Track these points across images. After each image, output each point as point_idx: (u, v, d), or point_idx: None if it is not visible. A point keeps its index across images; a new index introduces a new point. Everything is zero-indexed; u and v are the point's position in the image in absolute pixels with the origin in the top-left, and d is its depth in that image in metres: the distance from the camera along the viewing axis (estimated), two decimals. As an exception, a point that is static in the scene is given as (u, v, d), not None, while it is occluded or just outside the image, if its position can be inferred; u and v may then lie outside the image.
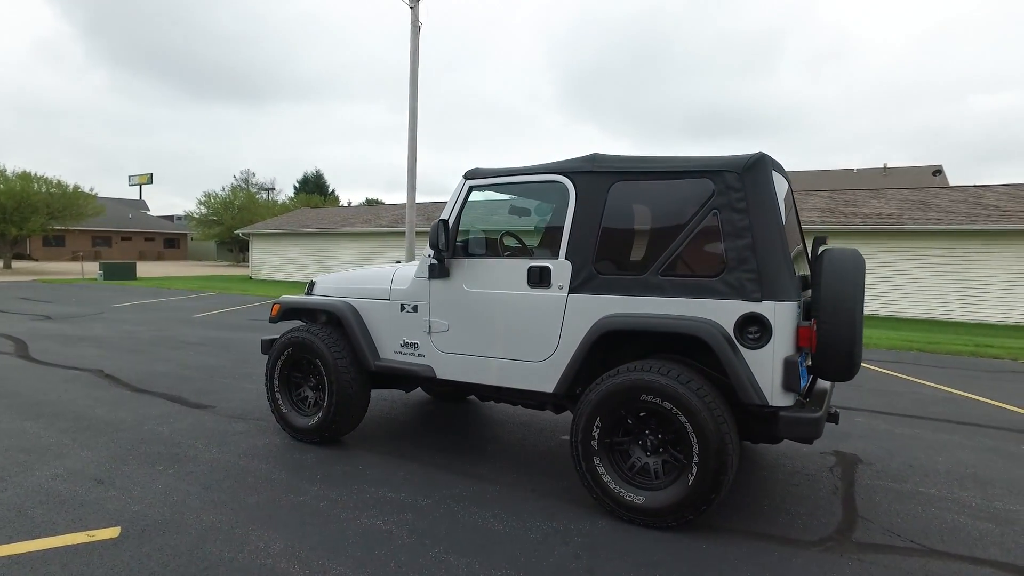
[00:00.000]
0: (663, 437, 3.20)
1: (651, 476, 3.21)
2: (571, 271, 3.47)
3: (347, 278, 4.51)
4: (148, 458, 3.96)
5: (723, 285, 3.09)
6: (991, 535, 3.16)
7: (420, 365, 4.02)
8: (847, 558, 2.87)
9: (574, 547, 2.92)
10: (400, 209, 27.73)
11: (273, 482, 3.61)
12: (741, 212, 3.08)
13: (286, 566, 2.67)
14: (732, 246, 3.09)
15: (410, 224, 15.33)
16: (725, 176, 3.13)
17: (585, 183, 3.49)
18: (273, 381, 4.51)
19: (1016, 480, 3.96)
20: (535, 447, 4.46)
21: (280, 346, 4.44)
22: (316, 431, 4.27)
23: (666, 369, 3.09)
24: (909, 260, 15.49)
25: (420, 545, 2.88)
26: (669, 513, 3.08)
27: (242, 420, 4.89)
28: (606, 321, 3.29)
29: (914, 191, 19.54)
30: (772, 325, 2.98)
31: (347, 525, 3.08)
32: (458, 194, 3.93)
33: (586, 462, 3.28)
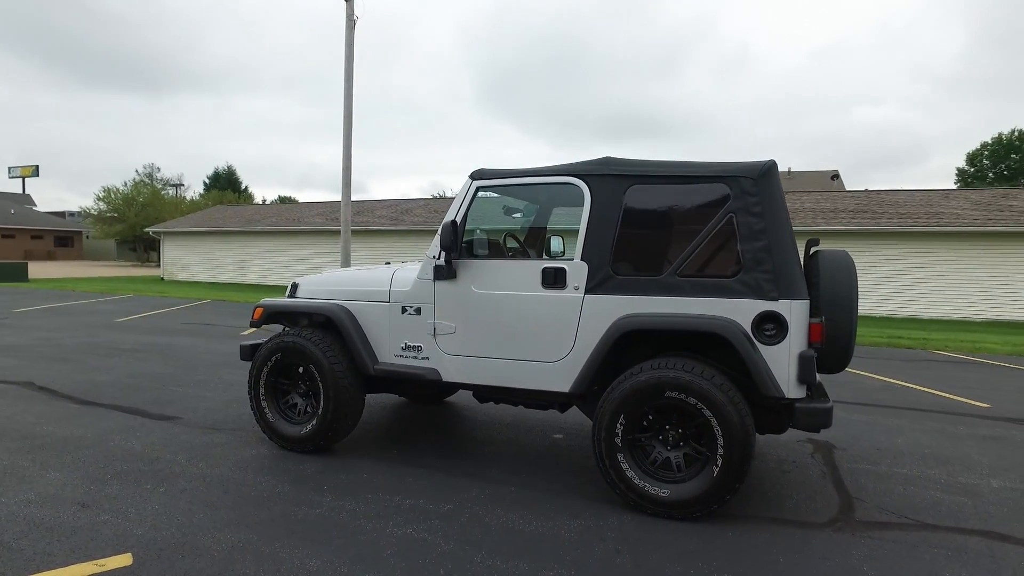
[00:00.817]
0: (684, 432, 3.32)
1: (673, 470, 3.32)
2: (587, 272, 3.52)
3: (338, 280, 4.35)
4: (129, 476, 3.65)
5: (740, 285, 3.25)
6: (967, 507, 3.50)
7: (424, 368, 3.94)
8: (859, 536, 3.10)
9: (611, 543, 2.97)
10: (326, 207, 26.89)
11: (279, 495, 3.44)
12: (757, 216, 3.24)
13: (331, 582, 2.56)
14: (748, 248, 3.24)
15: (345, 223, 14.90)
16: (741, 181, 3.29)
17: (601, 186, 3.55)
18: (258, 388, 4.27)
19: (966, 457, 4.40)
20: (532, 447, 4.49)
21: (267, 351, 4.22)
22: (310, 439, 4.09)
23: (690, 366, 3.21)
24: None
25: (462, 551, 2.84)
26: (695, 504, 3.20)
27: (218, 431, 4.60)
28: (629, 320, 3.37)
29: (823, 194, 21.13)
30: (788, 322, 3.16)
31: (377, 536, 2.98)
32: (464, 195, 3.89)
33: (609, 459, 3.35)
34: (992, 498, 3.65)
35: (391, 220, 23.43)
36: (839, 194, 21.35)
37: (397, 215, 24.00)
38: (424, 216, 23.73)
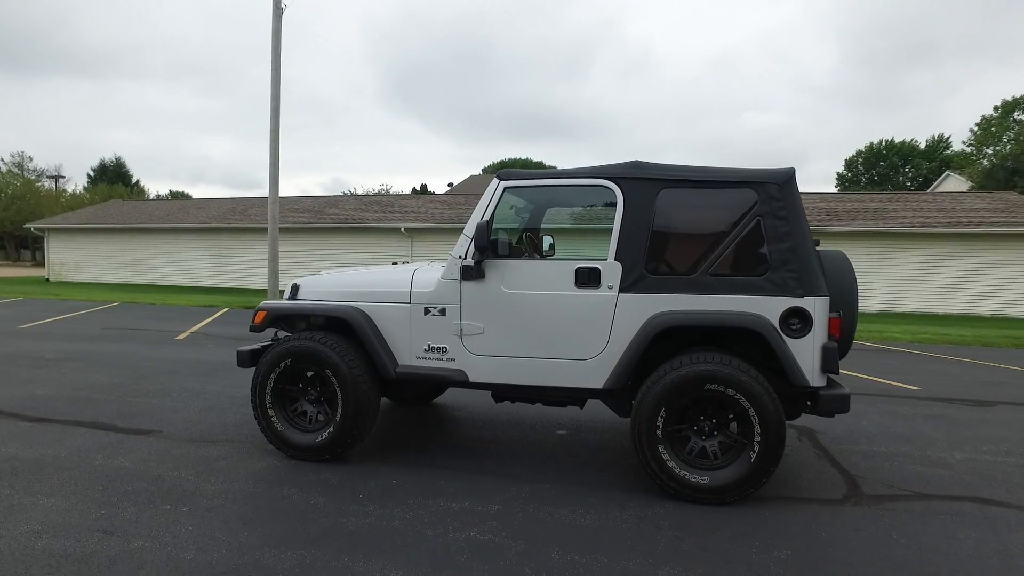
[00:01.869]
0: (718, 422, 3.52)
1: (709, 458, 3.51)
2: (622, 272, 3.63)
3: (350, 281, 4.20)
4: (140, 497, 3.35)
5: (768, 283, 3.48)
6: (946, 477, 3.96)
7: (451, 369, 3.90)
8: (875, 508, 3.43)
9: (669, 531, 3.11)
10: (237, 204, 25.43)
11: (318, 508, 3.29)
12: (783, 219, 3.49)
13: (421, 590, 2.51)
14: (775, 248, 3.49)
15: (273, 220, 14.23)
16: (768, 187, 3.52)
17: (633, 188, 3.67)
18: (265, 396, 4.05)
19: (924, 434, 4.95)
20: (541, 443, 4.56)
21: (275, 357, 4.01)
22: (327, 448, 3.94)
23: (727, 360, 3.41)
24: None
25: (535, 550, 2.87)
26: (733, 489, 3.40)
27: (210, 443, 4.31)
28: (667, 317, 3.52)
29: None
30: (812, 317, 3.43)
31: (444, 541, 2.94)
32: (492, 195, 3.89)
33: (651, 450, 3.48)
34: (961, 468, 4.14)
35: (311, 217, 22.57)
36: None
37: (316, 212, 23.14)
38: (345, 214, 23.05)
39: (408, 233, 21.76)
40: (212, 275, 22.45)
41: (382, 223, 21.82)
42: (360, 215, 22.92)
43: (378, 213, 23.15)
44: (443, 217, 22.22)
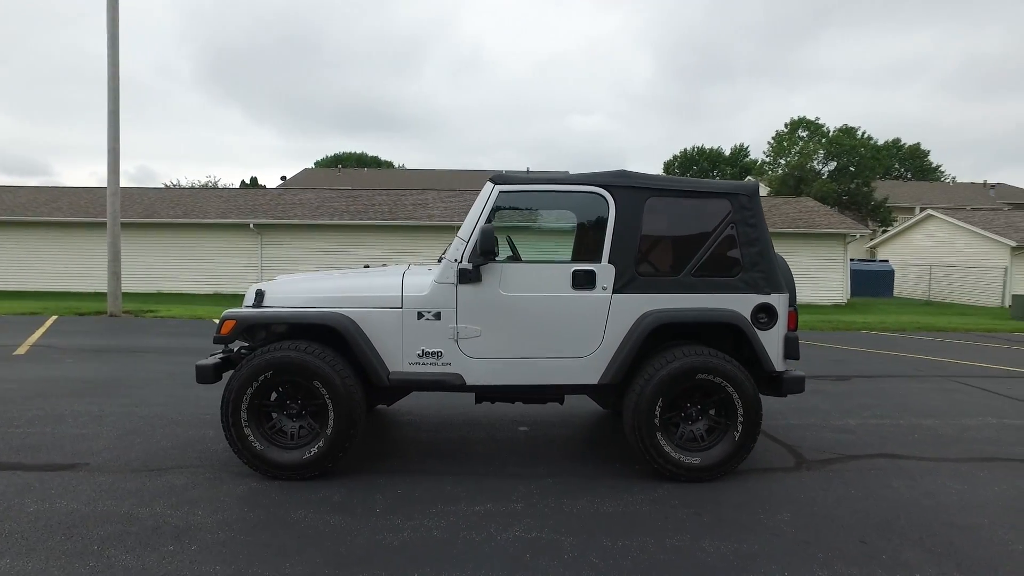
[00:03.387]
0: (703, 407, 3.92)
1: (698, 440, 3.90)
2: (615, 274, 3.88)
3: (331, 287, 3.96)
4: (124, 541, 2.90)
5: (741, 282, 3.95)
6: (856, 440, 4.76)
7: (447, 374, 3.87)
8: (824, 471, 4.06)
9: (683, 508, 3.42)
10: (39, 194, 21.74)
11: (343, 527, 3.11)
12: (752, 226, 3.98)
13: (508, 593, 2.54)
14: (747, 252, 3.96)
15: (114, 215, 12.51)
16: (740, 198, 3.99)
17: (624, 196, 3.93)
18: (240, 414, 3.69)
19: (819, 407, 5.86)
20: (512, 441, 4.67)
21: (252, 370, 3.67)
22: (315, 464, 3.70)
23: (714, 352, 3.82)
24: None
25: (586, 540, 3.00)
26: (721, 466, 3.82)
27: (163, 472, 3.81)
28: (660, 315, 3.83)
29: None
30: (777, 312, 3.97)
31: (496, 544, 2.96)
32: (486, 199, 3.91)
33: (650, 438, 3.77)
34: (861, 432, 5.01)
35: (141, 211, 20.03)
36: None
37: (146, 207, 20.58)
38: (182, 208, 20.80)
39: (258, 230, 20.23)
40: (23, 278, 19.03)
41: (228, 219, 20.03)
42: (200, 210, 20.81)
43: (221, 208, 21.19)
44: (295, 213, 20.98)
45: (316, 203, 22.26)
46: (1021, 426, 5.27)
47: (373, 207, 21.97)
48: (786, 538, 3.06)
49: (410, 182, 43.90)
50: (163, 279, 20.01)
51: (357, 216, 20.80)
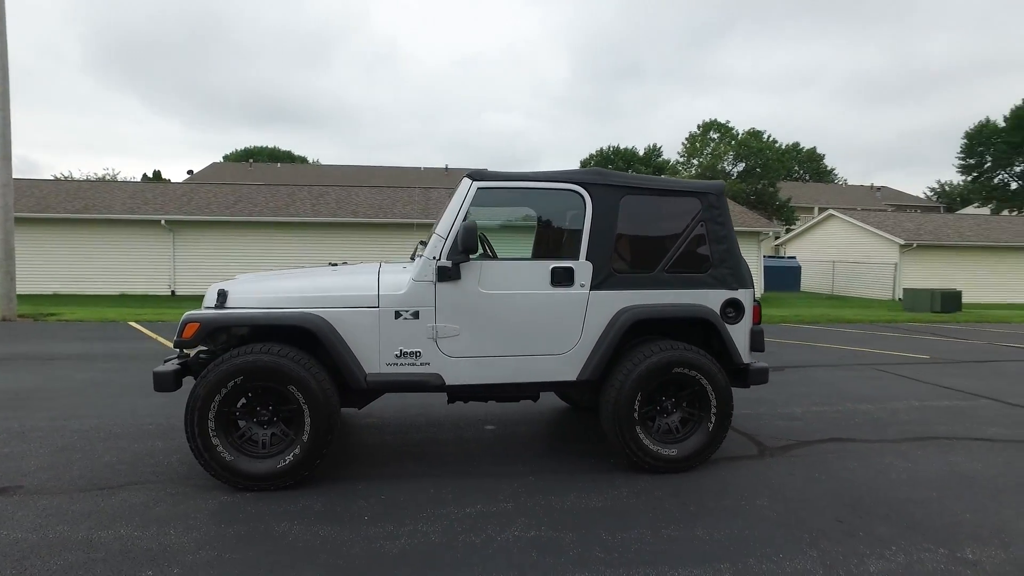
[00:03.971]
0: (677, 400, 4.03)
1: (673, 432, 4.01)
2: (592, 271, 3.92)
3: (302, 286, 3.76)
4: (93, 572, 2.63)
5: (711, 278, 4.10)
6: (805, 427, 5.06)
7: (426, 374, 3.78)
8: (785, 457, 4.29)
9: (668, 499, 3.50)
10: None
11: (333, 539, 2.96)
12: (720, 224, 4.14)
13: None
14: (716, 249, 4.12)
15: (5, 209, 11.33)
16: (708, 196, 4.13)
17: (600, 194, 3.97)
18: (207, 424, 3.44)
19: (764, 397, 6.17)
20: (482, 440, 4.63)
21: (221, 376, 3.43)
22: (292, 472, 3.51)
23: (688, 346, 3.94)
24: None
25: (586, 536, 3.01)
26: (696, 456, 3.95)
27: (114, 490, 3.49)
28: (637, 311, 3.90)
29: None
30: (744, 306, 4.14)
31: (498, 546, 2.91)
32: (464, 196, 3.85)
33: (629, 432, 3.84)
34: (808, 419, 5.34)
35: (33, 205, 18.28)
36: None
37: (38, 200, 18.81)
38: (82, 203, 19.18)
39: (170, 227, 18.98)
40: None
41: (136, 215, 18.65)
42: (103, 204, 19.27)
43: (127, 203, 19.71)
44: (211, 209, 19.85)
45: (233, 199, 21.13)
46: (940, 407, 5.79)
47: (295, 203, 21.12)
48: (771, 522, 3.21)
49: (327, 178, 42.53)
50: (60, 279, 18.36)
51: (279, 213, 19.93)
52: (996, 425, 5.18)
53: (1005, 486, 3.79)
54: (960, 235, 23.76)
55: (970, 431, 4.99)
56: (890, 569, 2.74)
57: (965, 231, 24.44)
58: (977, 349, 10.15)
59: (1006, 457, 4.35)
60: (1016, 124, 45.13)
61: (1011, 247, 23.41)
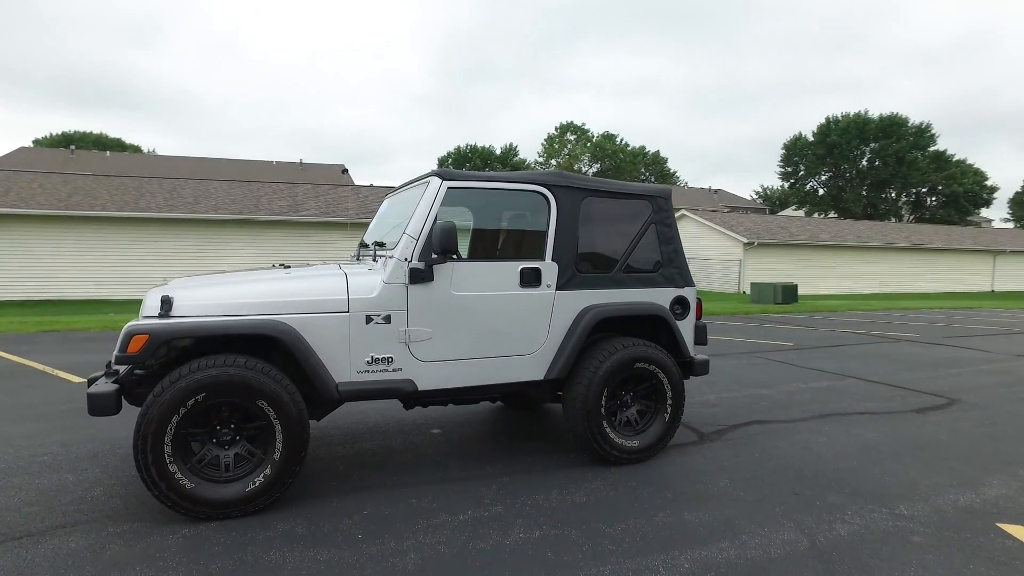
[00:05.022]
0: (635, 394, 4.24)
1: (632, 425, 4.21)
2: (558, 271, 4.01)
3: (262, 291, 3.44)
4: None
5: (661, 278, 4.36)
6: (728, 412, 5.55)
7: (399, 380, 3.63)
8: (723, 440, 4.67)
9: (645, 488, 3.68)
10: None
11: (339, 563, 2.76)
12: (668, 226, 4.41)
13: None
14: (665, 249, 4.39)
15: None
16: (658, 200, 4.39)
17: (563, 196, 4.07)
18: (162, 449, 3.04)
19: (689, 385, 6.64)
20: (434, 444, 4.55)
21: (179, 395, 3.05)
22: (262, 495, 3.22)
23: (646, 342, 4.16)
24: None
25: (587, 531, 3.09)
26: (655, 446, 4.18)
27: (41, 537, 2.97)
28: (601, 309, 4.05)
29: (343, 188, 23.79)
30: (690, 303, 4.46)
31: (511, 550, 2.89)
32: (435, 196, 3.75)
33: (597, 427, 3.98)
34: (726, 405, 5.84)
35: None
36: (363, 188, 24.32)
37: None
38: None
39: (-16, 221, 16.20)
40: None
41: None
42: None
43: (-77, 192, 16.49)
44: (40, 202, 17.29)
45: (67, 191, 18.50)
46: (821, 388, 6.62)
47: (144, 197, 18.99)
48: (744, 501, 3.50)
49: (168, 170, 38.57)
50: None
51: (126, 208, 17.81)
52: (869, 400, 6.04)
53: (900, 450, 4.45)
54: (791, 234, 27.14)
55: (853, 407, 5.77)
56: (855, 531, 3.12)
57: (795, 231, 27.96)
58: (825, 336, 11.69)
59: (889, 426, 5.10)
60: (821, 139, 52.44)
61: (832, 245, 27.16)
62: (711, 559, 2.82)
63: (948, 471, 4.03)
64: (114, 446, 4.37)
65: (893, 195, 52.05)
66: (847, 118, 51.40)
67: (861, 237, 28.52)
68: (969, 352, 9.43)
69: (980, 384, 6.90)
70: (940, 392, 6.44)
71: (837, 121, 51.94)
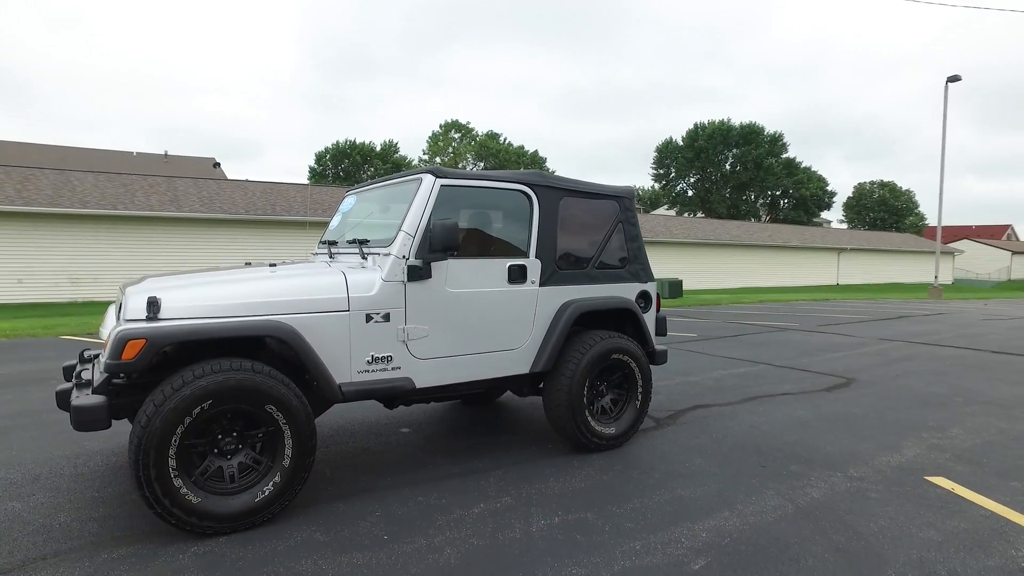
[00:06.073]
0: (609, 383, 4.48)
1: (608, 413, 4.45)
2: (541, 268, 4.16)
3: (260, 290, 3.26)
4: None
5: (627, 273, 4.65)
6: (670, 399, 5.97)
7: (398, 379, 3.62)
8: (678, 424, 5.06)
9: (633, 472, 3.93)
10: None
11: (379, 567, 2.73)
12: (632, 224, 4.71)
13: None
14: (631, 247, 4.68)
15: None
16: (624, 200, 4.67)
17: (544, 195, 4.22)
18: (167, 464, 2.83)
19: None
20: (409, 443, 4.54)
21: (184, 403, 2.85)
22: (272, 504, 3.09)
23: (619, 334, 4.42)
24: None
25: (602, 513, 3.27)
26: (628, 432, 4.46)
27: (19, 571, 2.64)
28: (579, 304, 4.25)
29: (214, 182, 22.59)
30: (652, 297, 4.79)
31: (538, 536, 3.01)
32: (429, 192, 3.75)
33: (580, 416, 4.17)
34: (666, 392, 6.27)
35: None
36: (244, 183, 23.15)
37: None
38: None
39: None
40: None
41: None
42: None
43: None
44: None
45: None
46: (741, 374, 7.30)
47: (-10, 188, 16.61)
48: (723, 476, 3.86)
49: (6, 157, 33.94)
50: None
51: (-32, 199, 15.48)
52: (785, 383, 6.77)
53: (829, 424, 5.07)
54: (671, 233, 29.14)
55: (774, 389, 6.44)
56: (824, 493, 3.57)
57: (674, 230, 30.04)
58: (721, 327, 12.77)
59: (810, 404, 5.77)
60: (690, 143, 56.65)
61: (708, 243, 29.47)
62: (722, 527, 3.11)
63: (871, 439, 4.66)
64: (52, 468, 3.92)
65: (752, 197, 57.41)
66: (713, 125, 55.92)
67: (731, 236, 31.25)
68: (843, 338, 10.77)
69: (863, 365, 7.94)
70: (836, 373, 7.35)
71: (704, 127, 56.35)
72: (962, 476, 3.85)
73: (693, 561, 2.78)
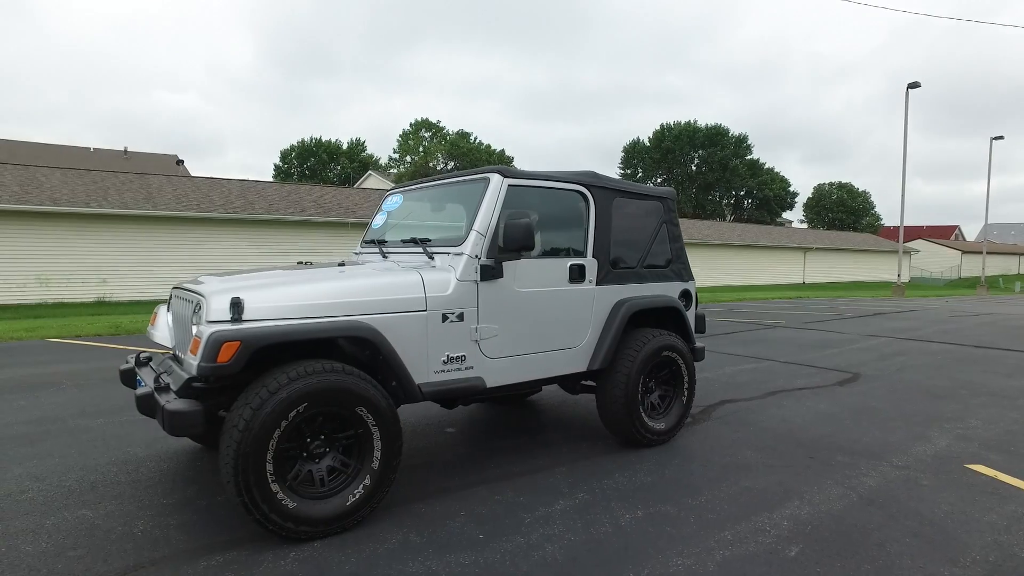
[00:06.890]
0: (658, 379, 4.58)
1: (657, 408, 4.55)
2: (597, 267, 4.23)
3: (340, 289, 3.24)
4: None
5: (672, 272, 4.76)
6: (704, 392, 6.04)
7: (472, 378, 3.64)
8: (714, 417, 5.20)
9: (693, 464, 4.04)
10: None
11: (476, 567, 2.76)
12: (675, 224, 4.82)
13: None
14: (673, 246, 4.79)
15: None
16: (667, 201, 4.77)
17: (599, 195, 4.29)
18: (265, 467, 2.79)
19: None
20: (454, 443, 4.56)
21: (281, 407, 2.81)
22: (362, 508, 3.09)
23: (668, 332, 4.52)
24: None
25: (678, 507, 3.36)
26: (677, 428, 4.57)
27: (131, 574, 2.58)
28: (633, 303, 4.34)
29: (177, 179, 22.09)
30: (693, 296, 4.91)
31: (622, 526, 3.08)
32: (499, 192, 3.78)
33: (635, 412, 4.26)
34: (684, 387, 6.40)
35: None
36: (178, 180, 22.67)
37: None
38: None
39: None
40: None
41: None
42: None
43: None
44: None
45: None
46: (750, 370, 7.51)
47: (-49, 185, 15.83)
48: (777, 468, 3.99)
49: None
50: None
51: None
52: (797, 378, 7.00)
53: (855, 416, 5.28)
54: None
55: (789, 384, 6.65)
56: (879, 481, 3.74)
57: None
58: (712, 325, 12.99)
59: (830, 398, 5.99)
60: (657, 144, 57.61)
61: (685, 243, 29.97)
62: (798, 516, 3.24)
63: (899, 430, 4.88)
64: (104, 475, 3.81)
65: (718, 197, 58.72)
66: (679, 126, 57.00)
67: (703, 236, 31.92)
68: (833, 335, 11.16)
69: (862, 360, 8.26)
70: (840, 368, 7.64)
71: (671, 128, 57.39)
72: (999, 464, 4.08)
73: (787, 548, 2.89)
